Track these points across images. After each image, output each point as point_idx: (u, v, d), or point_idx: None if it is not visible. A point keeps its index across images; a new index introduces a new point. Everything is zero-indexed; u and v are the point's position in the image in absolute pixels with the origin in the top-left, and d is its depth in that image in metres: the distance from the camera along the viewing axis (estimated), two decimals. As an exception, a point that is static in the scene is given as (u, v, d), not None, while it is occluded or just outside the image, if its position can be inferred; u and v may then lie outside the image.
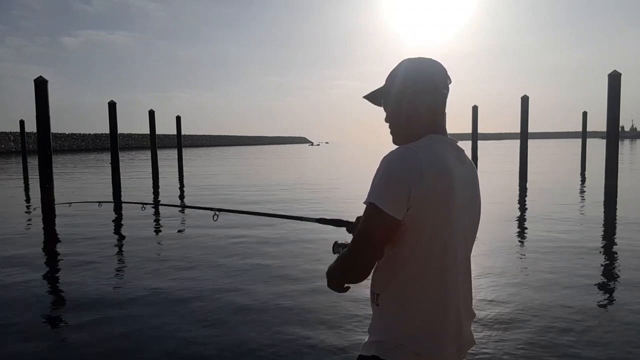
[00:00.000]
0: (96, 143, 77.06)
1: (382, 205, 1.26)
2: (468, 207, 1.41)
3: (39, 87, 10.02)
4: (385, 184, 1.28)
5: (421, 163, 1.28)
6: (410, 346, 1.32)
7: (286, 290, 5.18)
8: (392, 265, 1.36)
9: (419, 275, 1.33)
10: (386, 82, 1.51)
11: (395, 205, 1.26)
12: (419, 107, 1.43)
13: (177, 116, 23.84)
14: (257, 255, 6.77)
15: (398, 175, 1.27)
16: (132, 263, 6.59)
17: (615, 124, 11.81)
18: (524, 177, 16.87)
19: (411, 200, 1.26)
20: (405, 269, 1.34)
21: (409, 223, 1.29)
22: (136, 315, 4.53)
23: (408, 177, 1.26)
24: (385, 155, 1.33)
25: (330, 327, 4.15)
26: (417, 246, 1.32)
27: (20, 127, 27.87)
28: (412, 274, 1.34)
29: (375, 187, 1.30)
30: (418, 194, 1.26)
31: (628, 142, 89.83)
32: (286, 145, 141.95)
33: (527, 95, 17.13)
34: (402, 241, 1.32)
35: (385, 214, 1.26)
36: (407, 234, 1.31)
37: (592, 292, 5.02)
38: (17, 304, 4.97)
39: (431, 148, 1.35)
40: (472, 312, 1.49)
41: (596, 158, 21.53)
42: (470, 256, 1.47)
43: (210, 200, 12.95)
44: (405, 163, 1.29)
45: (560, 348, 3.69)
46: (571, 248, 6.89)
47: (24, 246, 7.77)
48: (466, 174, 1.42)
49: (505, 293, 4.94)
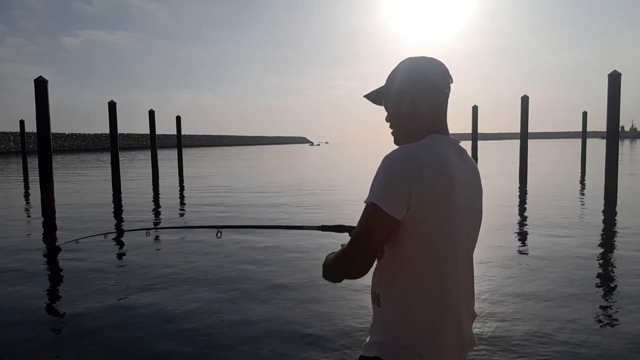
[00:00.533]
0: (96, 143, 77.07)
1: (383, 205, 1.26)
2: (470, 207, 1.40)
3: (39, 87, 10.02)
4: (386, 184, 1.28)
5: (422, 163, 1.28)
6: (411, 347, 1.32)
7: (287, 296, 5.18)
8: (392, 266, 1.36)
9: (419, 276, 1.33)
10: (387, 81, 1.50)
11: (395, 205, 1.26)
12: (420, 106, 1.42)
13: (177, 116, 23.85)
14: (256, 262, 6.77)
15: (399, 175, 1.27)
16: (130, 268, 6.58)
17: (615, 124, 11.81)
18: (524, 177, 16.88)
19: (412, 200, 1.26)
20: (405, 270, 1.34)
21: (409, 223, 1.28)
22: (136, 319, 4.52)
23: (409, 178, 1.26)
24: (386, 154, 1.33)
25: (331, 327, 4.15)
26: (418, 246, 1.31)
27: (20, 127, 27.88)
28: (412, 274, 1.33)
29: (375, 187, 1.29)
30: (419, 194, 1.26)
31: (628, 142, 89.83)
32: (286, 145, 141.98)
33: (527, 95, 17.14)
34: (403, 241, 1.32)
35: (385, 214, 1.26)
36: (407, 234, 1.30)
37: (592, 292, 5.01)
38: (16, 304, 4.96)
39: (432, 148, 1.34)
40: (474, 313, 1.49)
41: (596, 158, 21.53)
42: (472, 256, 1.46)
43: (211, 203, 12.93)
44: (406, 163, 1.28)
45: (561, 348, 3.69)
46: (571, 248, 6.89)
47: (24, 247, 7.77)
48: (468, 174, 1.41)
49: (505, 293, 4.94)
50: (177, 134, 24.24)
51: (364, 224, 1.31)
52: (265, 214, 10.56)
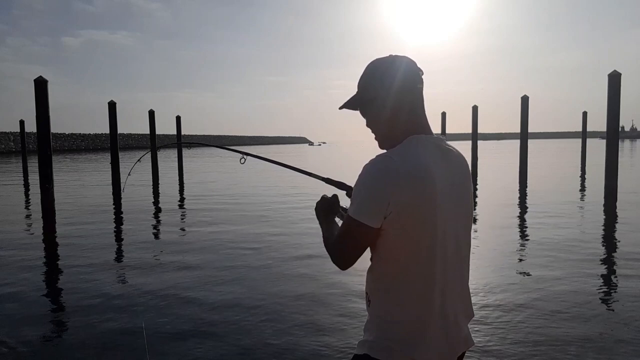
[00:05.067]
0: (96, 143, 77.00)
1: (358, 216, 1.31)
2: (456, 207, 1.39)
3: (39, 87, 10.01)
4: (361, 193, 1.32)
5: (399, 169, 1.28)
6: (399, 345, 1.33)
7: (285, 290, 5.18)
8: (379, 267, 1.39)
9: (403, 277, 1.35)
10: (358, 88, 1.48)
11: (371, 214, 1.30)
12: (395, 109, 1.40)
13: (177, 116, 23.80)
14: (248, 255, 6.77)
15: (374, 185, 1.29)
16: (131, 264, 6.58)
17: (615, 124, 11.80)
18: (524, 177, 16.87)
19: (390, 207, 1.28)
20: (390, 271, 1.36)
21: (390, 228, 1.31)
22: (135, 318, 4.52)
23: (385, 186, 1.27)
24: (366, 163, 1.34)
25: (331, 327, 4.16)
26: (400, 250, 1.33)
27: (20, 127, 27.87)
28: (397, 276, 1.35)
29: (354, 198, 1.35)
30: (396, 200, 1.27)
31: (628, 142, 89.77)
32: (286, 145, 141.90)
33: (527, 95, 17.12)
34: (387, 245, 1.34)
35: (361, 224, 1.31)
36: (389, 238, 1.32)
37: (592, 293, 5.02)
38: (15, 305, 4.97)
39: (410, 151, 1.33)
40: (470, 313, 1.49)
41: (596, 158, 21.53)
42: (466, 255, 1.45)
43: (212, 209, 12.92)
44: (380, 171, 1.29)
45: (560, 348, 3.69)
46: (571, 248, 6.90)
47: (24, 247, 7.78)
48: (452, 174, 1.39)
49: (505, 294, 4.95)
50: (177, 134, 24.21)
51: (343, 231, 1.39)
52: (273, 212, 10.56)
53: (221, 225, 9.26)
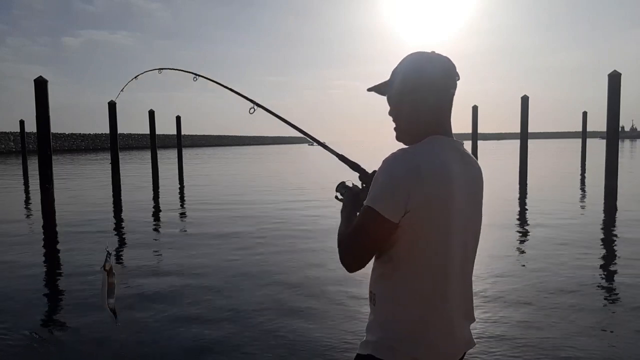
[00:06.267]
0: (96, 143, 76.92)
1: (379, 208, 1.28)
2: (469, 210, 1.40)
3: (39, 87, 10.00)
4: (383, 186, 1.29)
5: (420, 166, 1.27)
6: (403, 346, 1.33)
7: (285, 290, 5.18)
8: (387, 266, 1.37)
9: (412, 277, 1.34)
10: (391, 76, 1.47)
11: (392, 208, 1.27)
12: (420, 108, 1.39)
13: (177, 116, 23.80)
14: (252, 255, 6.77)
15: (397, 178, 1.27)
16: (131, 264, 6.58)
17: (615, 124, 11.79)
18: (524, 177, 16.86)
19: (409, 203, 1.26)
20: (399, 270, 1.35)
21: (405, 226, 1.29)
22: (134, 318, 4.52)
23: (406, 181, 1.26)
24: (386, 157, 1.32)
25: (332, 327, 4.15)
26: (413, 249, 1.32)
27: (20, 127, 27.84)
28: (406, 275, 1.34)
29: (374, 190, 1.31)
30: (416, 197, 1.26)
31: (628, 142, 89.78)
32: (286, 145, 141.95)
33: (527, 95, 17.12)
34: (399, 243, 1.32)
35: (381, 217, 1.28)
36: (403, 236, 1.31)
37: (592, 293, 5.02)
38: (15, 305, 4.97)
39: (432, 150, 1.33)
40: (472, 316, 1.48)
41: (596, 158, 21.52)
42: (472, 258, 1.45)
43: (213, 216, 12.91)
44: (404, 166, 1.28)
45: (559, 347, 3.69)
46: (571, 248, 6.89)
47: (24, 247, 7.78)
48: (469, 177, 1.40)
49: (504, 293, 4.94)
50: (177, 134, 24.20)
51: (360, 224, 1.34)
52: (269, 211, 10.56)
53: (221, 225, 9.26)
